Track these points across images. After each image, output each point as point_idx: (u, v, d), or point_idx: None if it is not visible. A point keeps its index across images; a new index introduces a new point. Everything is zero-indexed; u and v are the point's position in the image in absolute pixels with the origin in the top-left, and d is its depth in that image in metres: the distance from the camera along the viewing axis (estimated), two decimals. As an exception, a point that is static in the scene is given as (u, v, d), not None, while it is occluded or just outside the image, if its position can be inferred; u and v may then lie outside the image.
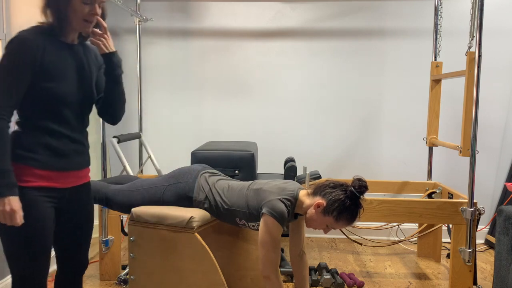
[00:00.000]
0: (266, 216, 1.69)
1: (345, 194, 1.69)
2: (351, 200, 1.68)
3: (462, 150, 2.37)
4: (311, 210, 1.73)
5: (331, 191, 1.71)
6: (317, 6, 3.46)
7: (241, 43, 3.52)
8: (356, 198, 1.69)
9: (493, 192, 3.46)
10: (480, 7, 2.26)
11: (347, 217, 1.70)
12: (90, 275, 2.70)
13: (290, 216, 1.76)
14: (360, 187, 1.69)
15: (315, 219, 1.73)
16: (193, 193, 1.85)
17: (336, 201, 1.68)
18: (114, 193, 1.94)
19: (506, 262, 2.07)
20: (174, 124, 3.60)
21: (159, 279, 1.79)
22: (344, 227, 1.78)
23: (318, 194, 1.74)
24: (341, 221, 1.71)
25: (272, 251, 1.68)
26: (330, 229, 1.76)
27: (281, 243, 1.91)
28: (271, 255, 1.69)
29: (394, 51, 3.44)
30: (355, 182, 1.71)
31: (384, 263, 3.00)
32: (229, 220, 1.86)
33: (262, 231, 1.70)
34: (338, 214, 1.69)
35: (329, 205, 1.69)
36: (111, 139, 2.78)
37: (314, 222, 1.75)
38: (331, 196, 1.70)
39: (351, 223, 1.73)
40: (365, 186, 1.69)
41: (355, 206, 1.70)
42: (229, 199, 1.82)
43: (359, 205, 1.71)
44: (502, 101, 3.38)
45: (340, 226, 1.75)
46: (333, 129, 3.52)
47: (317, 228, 1.76)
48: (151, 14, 3.51)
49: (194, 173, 1.90)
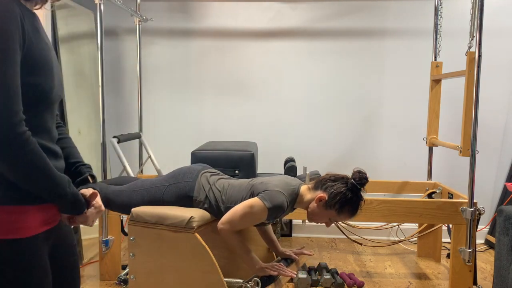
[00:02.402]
0: (259, 199, 1.68)
1: (346, 186, 1.70)
2: (353, 192, 1.70)
3: (462, 150, 2.37)
4: (313, 204, 1.74)
5: (332, 184, 1.72)
6: (317, 6, 3.46)
7: (241, 43, 3.52)
8: (357, 190, 1.71)
9: (493, 192, 3.46)
10: (480, 7, 2.26)
11: (349, 210, 1.71)
12: (90, 275, 2.70)
13: (288, 210, 1.76)
14: (360, 179, 1.71)
15: (317, 213, 1.73)
16: (193, 193, 1.85)
17: (337, 194, 1.69)
18: (115, 193, 1.94)
19: (506, 262, 2.07)
20: (174, 124, 3.60)
21: (159, 279, 1.79)
22: (346, 220, 1.78)
23: (319, 188, 1.75)
24: (343, 213, 1.72)
25: (240, 219, 1.67)
26: (332, 222, 1.77)
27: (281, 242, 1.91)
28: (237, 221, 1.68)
29: (394, 51, 3.44)
30: (355, 175, 1.72)
31: (384, 263, 3.00)
32: None
33: (247, 202, 1.68)
34: (340, 207, 1.70)
35: (331, 198, 1.70)
36: (111, 139, 2.78)
37: (316, 216, 1.75)
38: (332, 190, 1.70)
39: (353, 216, 1.74)
40: (366, 178, 1.71)
41: (357, 198, 1.71)
42: (229, 197, 1.82)
43: (360, 197, 1.72)
44: (502, 101, 3.38)
45: (342, 219, 1.76)
46: (333, 129, 3.52)
47: (319, 221, 1.77)
48: (151, 14, 3.51)
49: (195, 172, 1.90)
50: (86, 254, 2.92)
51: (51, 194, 0.98)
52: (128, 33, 3.57)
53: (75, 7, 3.11)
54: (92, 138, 3.16)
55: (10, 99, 0.88)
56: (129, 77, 3.60)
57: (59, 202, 1.02)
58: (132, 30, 3.54)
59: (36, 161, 0.93)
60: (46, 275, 1.02)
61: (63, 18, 2.95)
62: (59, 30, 2.86)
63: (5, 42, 0.88)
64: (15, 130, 0.88)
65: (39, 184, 0.96)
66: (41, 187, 0.96)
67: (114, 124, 3.62)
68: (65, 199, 1.01)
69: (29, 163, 0.92)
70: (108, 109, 3.60)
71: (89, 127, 3.14)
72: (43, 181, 0.96)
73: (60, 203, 1.02)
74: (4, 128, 0.87)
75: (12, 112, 0.88)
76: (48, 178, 0.96)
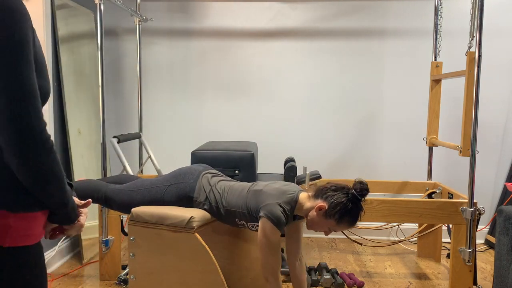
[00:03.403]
0: (263, 220, 1.70)
1: (347, 197, 1.70)
2: (353, 203, 1.69)
3: (462, 150, 2.37)
4: (313, 212, 1.73)
5: (333, 194, 1.71)
6: (317, 6, 3.46)
7: (241, 43, 3.52)
8: (358, 201, 1.70)
9: (493, 192, 3.46)
10: (480, 7, 2.26)
11: (348, 220, 1.71)
12: (90, 275, 2.70)
13: (289, 219, 1.76)
14: (361, 190, 1.70)
15: (317, 222, 1.73)
16: (194, 194, 1.85)
17: (338, 204, 1.69)
18: (114, 192, 1.93)
19: (506, 262, 2.07)
20: (174, 124, 3.60)
21: (159, 279, 1.79)
22: (345, 230, 1.78)
23: (320, 197, 1.74)
24: (343, 224, 1.71)
25: (270, 254, 1.69)
26: (331, 231, 1.76)
27: (281, 243, 1.91)
28: (270, 258, 1.70)
29: (394, 51, 3.44)
30: (356, 185, 1.71)
31: (384, 263, 3.00)
32: (229, 221, 1.86)
33: (260, 235, 1.71)
34: (340, 217, 1.69)
35: (331, 208, 1.69)
36: (111, 139, 2.78)
37: (315, 225, 1.75)
38: (333, 199, 1.70)
39: (352, 226, 1.74)
40: (367, 189, 1.70)
41: (357, 209, 1.70)
42: (229, 201, 1.82)
43: (360, 208, 1.71)
44: (502, 101, 3.38)
45: (342, 229, 1.75)
46: (333, 129, 3.52)
47: (318, 230, 1.77)
48: (151, 14, 3.51)
49: (196, 173, 1.90)
50: (86, 254, 2.92)
51: (57, 201, 0.96)
52: (128, 33, 3.57)
53: (75, 7, 3.11)
54: (92, 138, 3.16)
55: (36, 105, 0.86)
56: (129, 77, 3.60)
57: (61, 210, 0.98)
58: (132, 30, 3.54)
59: (56, 168, 0.91)
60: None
61: (63, 18, 2.94)
62: (59, 30, 2.86)
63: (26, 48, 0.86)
64: (42, 136, 0.87)
65: (52, 191, 0.93)
66: (53, 193, 0.94)
67: (114, 124, 3.62)
68: (67, 207, 0.98)
69: (50, 170, 0.90)
70: (108, 109, 3.60)
71: (89, 127, 3.14)
72: (57, 188, 0.93)
73: (61, 211, 0.99)
74: (32, 134, 0.85)
75: (39, 119, 0.86)
76: (62, 186, 0.95)
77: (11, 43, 0.83)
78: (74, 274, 2.73)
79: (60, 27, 2.88)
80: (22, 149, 0.84)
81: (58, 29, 2.85)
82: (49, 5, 2.74)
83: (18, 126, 0.83)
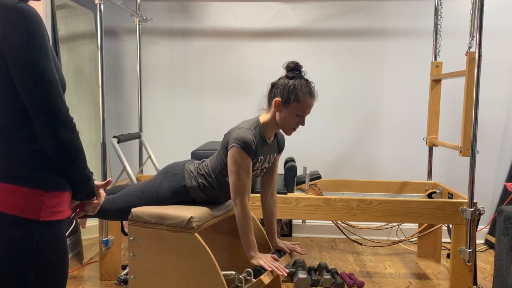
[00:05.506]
0: (231, 148, 1.75)
1: (287, 78, 1.83)
2: (294, 78, 1.81)
3: (462, 150, 2.37)
4: (276, 114, 1.83)
5: (276, 87, 1.84)
6: (317, 6, 3.46)
7: (241, 43, 3.52)
8: (297, 75, 1.82)
9: (493, 192, 3.46)
10: (480, 7, 2.26)
11: (303, 91, 1.79)
12: (90, 275, 2.70)
13: (258, 142, 1.80)
14: (290, 66, 1.85)
15: (284, 116, 1.81)
16: (185, 181, 1.87)
17: (285, 88, 1.80)
18: (109, 202, 1.95)
19: (506, 262, 2.07)
20: (174, 124, 3.60)
21: (159, 279, 1.79)
22: (310, 105, 1.82)
23: (271, 100, 1.85)
24: (302, 99, 1.79)
25: (237, 178, 1.75)
26: (302, 116, 1.82)
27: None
28: (237, 183, 1.75)
29: (394, 51, 3.44)
30: (287, 67, 1.86)
31: (384, 263, 3.00)
32: (224, 187, 1.88)
33: (229, 162, 1.77)
34: (295, 96, 1.78)
35: (284, 95, 1.80)
36: (111, 139, 2.78)
37: (285, 120, 1.82)
38: (279, 89, 1.82)
39: (311, 95, 1.81)
40: (293, 62, 1.86)
41: (301, 80, 1.81)
42: (212, 166, 1.87)
43: (303, 77, 1.83)
44: (502, 101, 3.38)
45: (307, 105, 1.81)
46: (333, 129, 3.52)
47: (291, 124, 1.83)
48: (151, 14, 3.51)
49: (181, 164, 1.95)
50: (86, 254, 2.93)
51: (81, 177, 1.10)
52: (128, 33, 3.57)
53: (75, 7, 3.12)
54: (92, 138, 3.16)
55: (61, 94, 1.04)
56: (129, 77, 3.60)
57: (84, 185, 1.12)
58: (132, 30, 3.54)
59: (81, 145, 1.08)
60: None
61: (63, 18, 2.95)
62: (59, 30, 2.86)
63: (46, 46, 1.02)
64: (69, 116, 1.04)
65: (80, 165, 1.08)
66: (78, 169, 1.09)
67: (114, 124, 3.62)
68: (90, 181, 1.13)
69: (77, 146, 1.07)
70: (108, 109, 3.60)
71: (89, 127, 3.14)
72: (81, 164, 1.09)
73: (84, 187, 1.12)
74: (63, 116, 1.03)
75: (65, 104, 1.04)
76: (84, 162, 1.10)
77: (34, 41, 0.99)
78: (74, 274, 2.73)
79: (60, 27, 2.88)
80: (56, 129, 1.02)
81: (58, 29, 2.85)
82: (49, 5, 2.75)
83: (52, 111, 1.01)
